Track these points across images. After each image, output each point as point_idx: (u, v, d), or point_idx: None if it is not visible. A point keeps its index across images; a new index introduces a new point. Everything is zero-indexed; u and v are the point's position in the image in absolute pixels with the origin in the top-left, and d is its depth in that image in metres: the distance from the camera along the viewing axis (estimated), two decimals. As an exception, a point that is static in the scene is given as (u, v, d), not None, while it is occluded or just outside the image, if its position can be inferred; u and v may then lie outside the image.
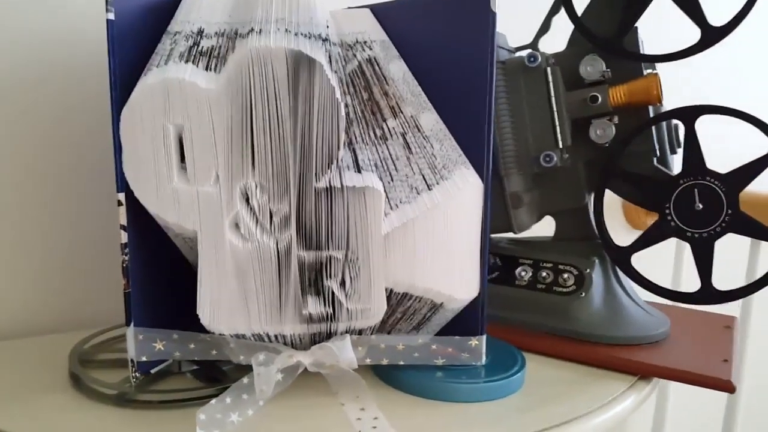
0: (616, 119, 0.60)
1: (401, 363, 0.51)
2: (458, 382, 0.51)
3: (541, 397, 0.52)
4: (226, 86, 0.44)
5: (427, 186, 0.49)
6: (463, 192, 0.49)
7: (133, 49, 0.46)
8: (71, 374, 0.51)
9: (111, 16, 0.44)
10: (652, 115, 0.61)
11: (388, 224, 0.47)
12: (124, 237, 0.46)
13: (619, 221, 1.18)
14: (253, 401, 0.47)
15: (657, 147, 0.61)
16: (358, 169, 0.47)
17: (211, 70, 0.45)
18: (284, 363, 0.47)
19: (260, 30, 0.44)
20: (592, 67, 0.60)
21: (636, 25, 0.60)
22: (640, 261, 0.61)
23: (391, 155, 0.49)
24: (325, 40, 0.47)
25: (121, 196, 0.46)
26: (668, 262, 1.05)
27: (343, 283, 0.47)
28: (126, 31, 0.46)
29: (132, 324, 0.47)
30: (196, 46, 0.46)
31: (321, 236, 0.46)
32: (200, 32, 0.46)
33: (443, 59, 0.50)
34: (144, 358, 0.48)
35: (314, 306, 0.47)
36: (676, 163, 0.61)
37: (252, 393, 0.47)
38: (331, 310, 0.47)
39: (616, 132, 0.60)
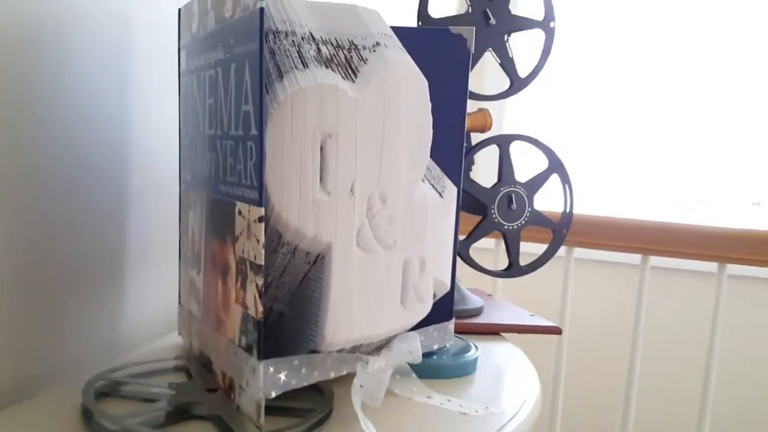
0: (459, 141, 0.77)
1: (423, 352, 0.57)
2: (454, 361, 0.60)
3: (494, 365, 0.65)
4: (370, 95, 0.44)
5: (439, 194, 0.57)
6: (453, 197, 0.59)
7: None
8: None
9: (263, 4, 0.39)
10: (474, 141, 0.80)
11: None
12: (261, 257, 0.40)
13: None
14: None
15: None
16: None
17: (345, 78, 0.44)
18: (382, 367, 0.49)
19: (386, 44, 0.45)
20: (444, 100, 0.75)
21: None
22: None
23: (404, 167, 0.55)
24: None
25: (262, 211, 0.40)
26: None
27: (414, 284, 0.51)
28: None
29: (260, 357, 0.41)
30: (319, 53, 0.43)
31: (411, 241, 0.50)
32: (312, 37, 0.44)
33: (423, 85, 0.59)
34: (273, 394, 0.42)
35: (397, 307, 0.50)
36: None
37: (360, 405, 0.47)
38: (411, 311, 0.51)
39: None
